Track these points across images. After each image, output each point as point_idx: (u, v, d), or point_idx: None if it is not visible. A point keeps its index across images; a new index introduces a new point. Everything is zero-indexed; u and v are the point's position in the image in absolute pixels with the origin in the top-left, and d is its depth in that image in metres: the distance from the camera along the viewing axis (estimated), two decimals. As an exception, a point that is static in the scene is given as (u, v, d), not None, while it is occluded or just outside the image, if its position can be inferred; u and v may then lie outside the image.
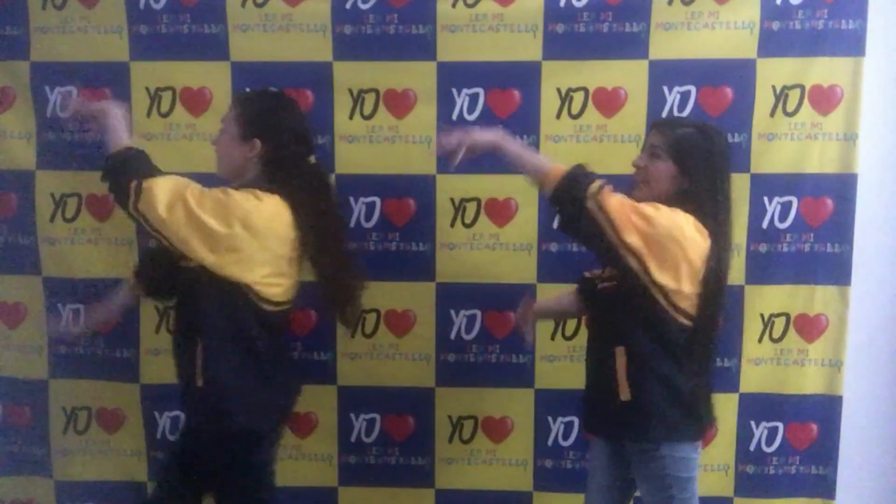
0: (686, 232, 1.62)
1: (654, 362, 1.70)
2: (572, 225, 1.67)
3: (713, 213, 1.69)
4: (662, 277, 1.62)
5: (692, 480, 1.77)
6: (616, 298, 1.75)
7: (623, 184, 1.87)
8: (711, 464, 2.36)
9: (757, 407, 2.36)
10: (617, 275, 1.72)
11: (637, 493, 1.89)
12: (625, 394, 1.70)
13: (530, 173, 1.74)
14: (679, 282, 1.63)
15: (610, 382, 1.73)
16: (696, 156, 1.70)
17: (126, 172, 1.68)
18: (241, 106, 1.79)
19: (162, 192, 1.64)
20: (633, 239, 1.59)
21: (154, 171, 1.70)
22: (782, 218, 2.29)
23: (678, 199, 1.70)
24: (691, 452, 1.76)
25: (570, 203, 1.63)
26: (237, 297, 1.70)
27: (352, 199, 2.33)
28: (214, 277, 1.67)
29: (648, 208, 1.63)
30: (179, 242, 1.65)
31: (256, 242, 1.67)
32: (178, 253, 1.69)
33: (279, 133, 1.77)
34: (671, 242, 1.61)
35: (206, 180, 1.88)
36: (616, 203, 1.61)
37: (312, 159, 1.85)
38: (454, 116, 2.28)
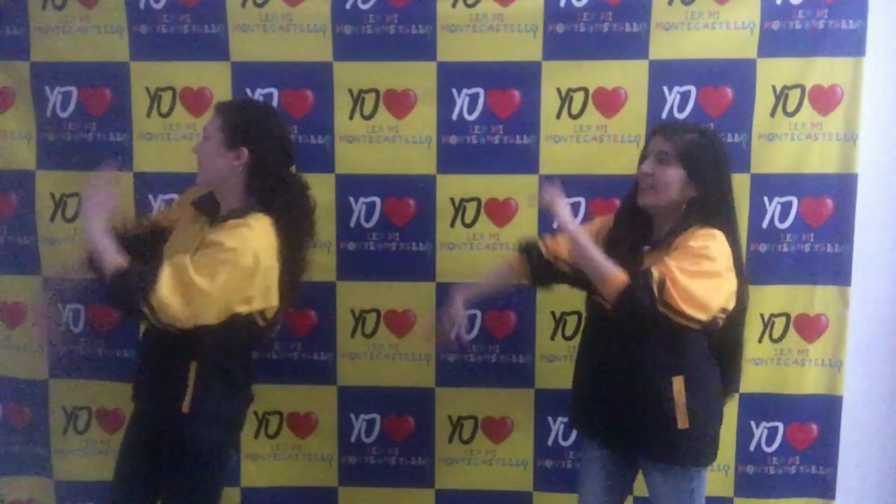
0: (725, 254, 1.64)
1: (708, 387, 1.74)
2: (639, 327, 1.65)
3: (724, 218, 1.69)
4: (724, 305, 1.64)
5: (702, 491, 1.81)
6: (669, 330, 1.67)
7: (623, 184, 1.87)
8: (711, 464, 2.36)
9: (757, 407, 2.36)
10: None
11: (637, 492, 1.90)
12: (683, 422, 1.69)
13: (592, 274, 1.68)
14: (733, 298, 1.66)
15: (667, 411, 1.70)
16: (706, 161, 1.69)
17: (130, 296, 1.57)
18: (227, 114, 1.75)
19: (172, 298, 1.55)
20: (715, 308, 1.61)
21: (151, 278, 1.56)
22: (782, 218, 2.28)
23: (687, 205, 1.70)
24: (706, 469, 1.81)
25: (634, 311, 1.58)
26: (242, 321, 1.68)
27: (352, 199, 2.33)
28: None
29: (705, 263, 1.58)
30: (216, 318, 1.61)
31: (269, 270, 1.67)
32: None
33: (266, 142, 1.74)
34: (730, 274, 1.63)
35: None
36: (680, 292, 1.55)
37: (293, 169, 1.84)
38: (454, 117, 2.28)
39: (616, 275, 1.61)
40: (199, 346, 1.66)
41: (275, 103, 2.29)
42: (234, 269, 1.60)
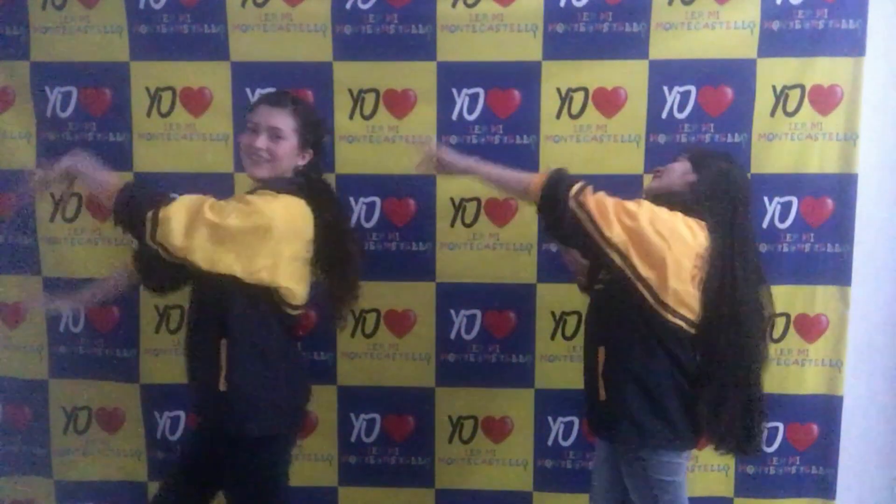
0: (672, 227, 1.64)
1: (632, 363, 1.71)
2: (556, 227, 1.70)
3: (722, 214, 1.69)
4: (646, 271, 1.62)
5: (677, 484, 1.76)
6: (603, 298, 1.79)
7: (623, 185, 1.88)
8: (711, 464, 2.36)
9: (757, 407, 2.36)
10: (608, 277, 1.74)
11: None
12: (601, 393, 1.73)
13: (513, 189, 1.79)
14: (665, 277, 1.62)
15: (594, 381, 1.76)
16: (709, 156, 1.77)
17: (139, 207, 1.61)
18: (300, 117, 1.78)
19: (177, 218, 1.59)
20: (615, 233, 1.62)
21: (165, 198, 1.63)
22: (782, 218, 2.29)
23: (686, 193, 1.73)
24: (675, 457, 1.75)
25: (552, 208, 1.66)
26: (264, 301, 1.70)
27: (352, 199, 2.33)
28: (242, 283, 1.65)
29: (631, 204, 1.65)
30: (207, 263, 1.62)
31: (283, 244, 1.67)
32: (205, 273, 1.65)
33: (321, 142, 1.85)
34: (654, 236, 1.61)
35: (206, 180, 1.89)
36: (597, 200, 1.65)
37: None
38: (454, 116, 2.28)
39: (534, 176, 1.73)
40: (227, 321, 1.68)
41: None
42: (246, 221, 1.61)
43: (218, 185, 2.10)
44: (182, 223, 1.59)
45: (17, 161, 2.35)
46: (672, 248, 1.61)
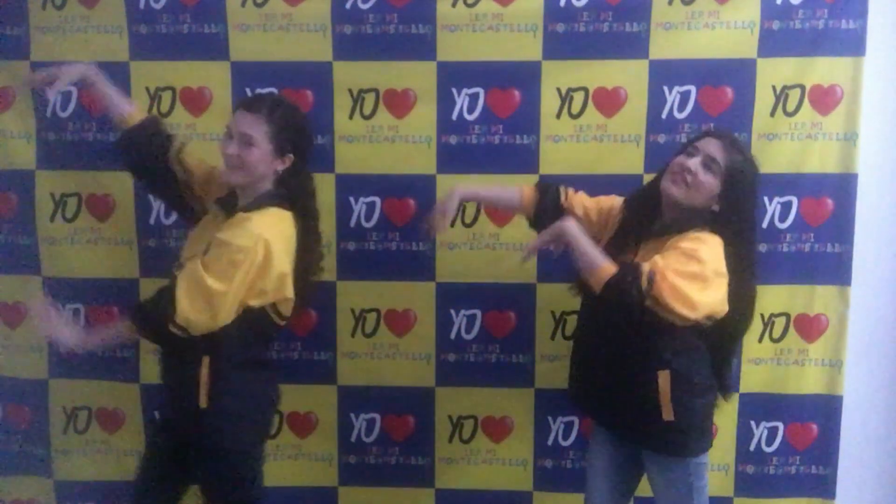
0: (719, 257, 1.65)
1: (694, 379, 1.75)
2: (627, 318, 1.64)
3: (736, 231, 1.71)
4: (714, 315, 1.64)
5: (706, 487, 1.83)
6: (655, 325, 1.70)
7: (623, 184, 1.88)
8: (711, 464, 2.33)
9: (757, 407, 2.36)
10: None
11: (639, 492, 1.90)
12: (668, 414, 1.72)
13: (582, 262, 1.69)
14: (724, 304, 1.65)
15: (648, 401, 1.73)
16: (742, 187, 1.72)
17: (152, 322, 1.65)
18: (273, 122, 1.74)
19: (195, 313, 1.61)
20: (701, 311, 1.59)
21: (165, 299, 1.63)
22: (782, 218, 2.28)
23: (707, 213, 1.72)
24: (706, 459, 1.82)
25: (622, 305, 1.60)
26: (255, 316, 1.71)
27: (352, 199, 2.33)
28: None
29: (695, 266, 1.59)
30: (232, 315, 1.66)
31: (283, 262, 1.69)
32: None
33: (305, 147, 1.81)
34: (720, 280, 1.63)
35: (206, 180, 1.89)
36: (672, 288, 1.56)
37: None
38: (454, 116, 2.28)
39: (604, 265, 1.63)
40: (210, 340, 1.67)
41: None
42: (249, 267, 1.62)
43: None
44: (203, 313, 1.61)
45: (17, 161, 2.35)
46: (725, 279, 1.65)
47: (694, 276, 1.59)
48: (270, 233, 1.66)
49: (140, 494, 1.89)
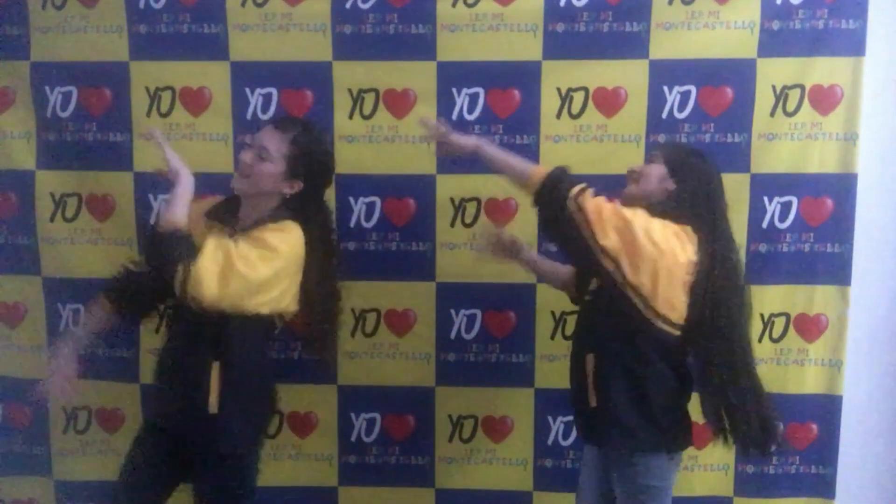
0: (665, 236, 1.63)
1: (621, 370, 1.72)
2: (552, 226, 1.71)
3: (704, 219, 1.70)
4: (637, 279, 1.62)
5: (665, 490, 1.78)
6: (592, 306, 1.80)
7: (623, 185, 1.87)
8: (711, 464, 2.36)
9: (757, 407, 2.36)
10: (597, 287, 1.76)
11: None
12: (592, 400, 1.74)
13: (512, 176, 1.79)
14: (656, 285, 1.63)
15: (583, 389, 1.77)
16: (685, 161, 1.76)
17: (168, 255, 1.59)
18: (295, 145, 1.74)
19: (210, 275, 1.56)
20: (609, 239, 1.61)
21: (192, 247, 1.60)
22: (782, 218, 2.29)
23: (666, 201, 1.72)
24: (664, 461, 1.76)
25: (550, 204, 1.67)
26: (265, 325, 1.72)
27: (352, 199, 2.33)
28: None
29: (628, 211, 1.65)
30: (235, 309, 1.62)
31: (295, 272, 1.71)
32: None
33: (319, 176, 1.82)
34: (648, 244, 1.61)
35: (205, 180, 1.88)
36: (595, 204, 1.64)
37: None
38: (454, 116, 2.28)
39: (536, 168, 1.74)
40: (221, 345, 1.68)
41: (274, 103, 2.29)
42: (273, 267, 1.63)
43: (217, 185, 2.10)
44: (215, 280, 1.57)
45: (17, 161, 2.35)
46: (665, 257, 1.62)
47: (621, 213, 1.63)
48: (293, 246, 1.69)
49: (126, 495, 1.86)
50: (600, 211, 1.63)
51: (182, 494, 1.88)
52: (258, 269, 1.61)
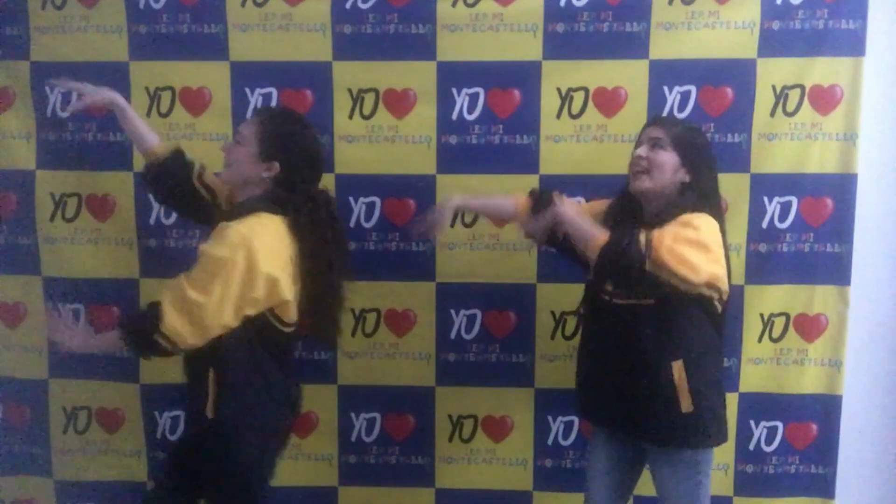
0: (716, 229, 1.64)
1: (710, 368, 1.75)
2: (629, 287, 1.67)
3: (714, 205, 1.71)
4: (718, 283, 1.60)
5: (709, 484, 1.81)
6: (656, 312, 1.70)
7: (622, 184, 1.87)
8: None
9: (756, 406, 2.36)
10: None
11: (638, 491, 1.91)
12: (687, 405, 1.70)
13: (577, 235, 1.71)
14: (728, 280, 1.65)
15: (667, 395, 1.71)
16: (698, 147, 1.74)
17: (138, 333, 1.64)
18: (264, 125, 1.75)
19: (178, 323, 1.59)
20: (704, 276, 1.56)
21: (157, 311, 1.61)
22: (782, 218, 2.29)
23: (679, 190, 1.72)
24: (711, 455, 1.81)
25: (623, 272, 1.60)
26: (258, 325, 1.69)
27: (352, 199, 2.33)
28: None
29: (692, 233, 1.58)
30: (225, 329, 1.64)
31: (270, 266, 1.64)
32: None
33: (298, 158, 1.76)
34: (719, 249, 1.61)
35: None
36: (670, 251, 1.54)
37: (320, 186, 1.84)
38: (454, 116, 2.28)
39: (598, 234, 1.65)
40: (214, 352, 1.67)
41: (274, 103, 2.29)
42: (229, 277, 1.59)
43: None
44: (186, 324, 1.59)
45: (17, 161, 2.34)
46: (723, 254, 1.63)
47: (691, 241, 1.57)
48: (252, 239, 1.62)
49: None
50: (679, 255, 1.54)
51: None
52: (214, 290, 1.59)
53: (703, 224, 1.62)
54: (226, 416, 1.70)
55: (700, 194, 1.70)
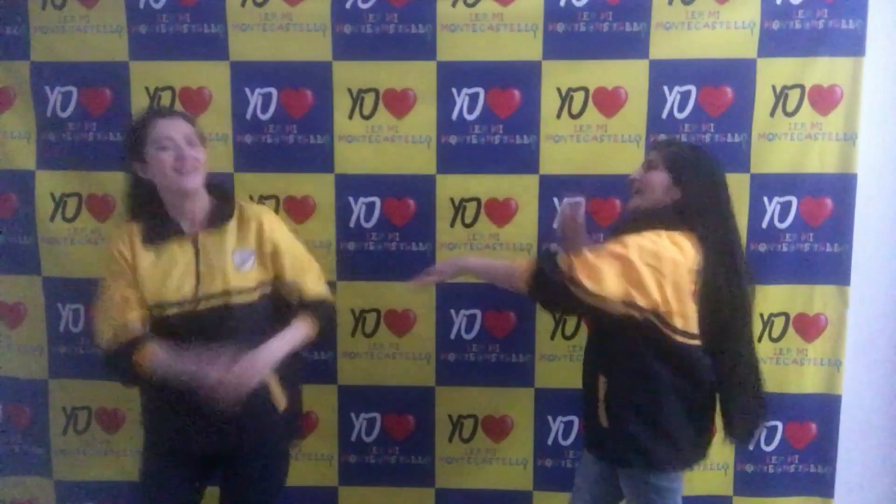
0: (659, 253, 1.60)
1: (634, 392, 1.70)
2: (554, 307, 1.80)
3: (712, 222, 1.68)
4: (651, 304, 1.60)
5: (675, 490, 1.76)
6: (603, 327, 1.75)
7: (623, 184, 1.88)
8: (711, 463, 2.36)
9: (756, 406, 2.36)
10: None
11: None
12: (603, 420, 1.74)
13: (501, 280, 1.80)
14: (668, 303, 1.61)
15: (594, 408, 1.76)
16: (688, 166, 1.73)
17: (122, 365, 1.67)
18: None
19: (104, 335, 1.68)
20: (613, 290, 1.59)
21: (140, 342, 1.67)
22: (782, 218, 2.29)
23: (672, 209, 1.70)
24: (674, 482, 1.75)
25: (547, 293, 1.68)
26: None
27: (351, 199, 2.33)
28: None
29: (616, 247, 1.62)
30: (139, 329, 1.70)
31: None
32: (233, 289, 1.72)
33: (128, 151, 1.73)
34: (648, 270, 1.59)
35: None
36: (585, 267, 1.60)
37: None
38: (454, 116, 2.28)
39: (519, 265, 1.73)
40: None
41: (274, 103, 2.29)
42: (109, 285, 1.72)
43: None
44: (110, 333, 1.68)
45: (17, 161, 2.35)
46: (667, 274, 1.60)
47: (614, 255, 1.61)
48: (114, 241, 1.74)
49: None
50: (593, 269, 1.60)
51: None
52: (105, 291, 1.70)
53: (631, 240, 1.62)
54: (290, 402, 1.81)
55: (692, 211, 1.68)
